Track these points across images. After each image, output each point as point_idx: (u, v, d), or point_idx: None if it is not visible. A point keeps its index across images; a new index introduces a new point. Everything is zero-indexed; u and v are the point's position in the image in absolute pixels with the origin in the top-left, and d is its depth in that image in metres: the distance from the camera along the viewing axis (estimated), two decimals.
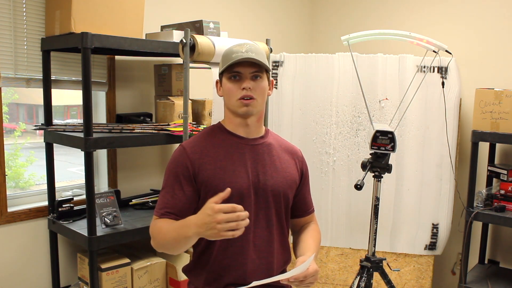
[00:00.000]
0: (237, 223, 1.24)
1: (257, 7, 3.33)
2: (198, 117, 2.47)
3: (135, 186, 2.70)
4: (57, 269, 2.33)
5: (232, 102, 1.48)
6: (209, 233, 1.27)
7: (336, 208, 2.83)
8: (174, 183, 1.49)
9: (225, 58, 1.49)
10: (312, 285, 1.43)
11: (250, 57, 1.44)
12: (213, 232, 1.25)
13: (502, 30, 2.86)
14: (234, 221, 1.24)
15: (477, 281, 2.65)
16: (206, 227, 1.26)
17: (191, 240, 1.37)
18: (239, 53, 1.45)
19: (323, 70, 2.79)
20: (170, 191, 1.49)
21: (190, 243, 1.40)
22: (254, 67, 1.46)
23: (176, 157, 1.52)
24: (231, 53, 1.47)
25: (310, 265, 1.39)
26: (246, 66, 1.46)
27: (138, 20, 2.24)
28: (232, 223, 1.24)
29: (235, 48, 1.49)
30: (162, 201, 1.51)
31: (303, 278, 1.37)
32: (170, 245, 1.45)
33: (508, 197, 2.55)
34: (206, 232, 1.27)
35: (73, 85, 2.43)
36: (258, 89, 1.47)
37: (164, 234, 1.44)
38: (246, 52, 1.45)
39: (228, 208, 1.25)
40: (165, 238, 1.43)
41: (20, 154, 2.49)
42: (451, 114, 2.68)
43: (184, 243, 1.39)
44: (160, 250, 1.50)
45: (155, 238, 1.48)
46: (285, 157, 1.62)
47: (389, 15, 3.33)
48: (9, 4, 2.14)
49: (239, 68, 1.46)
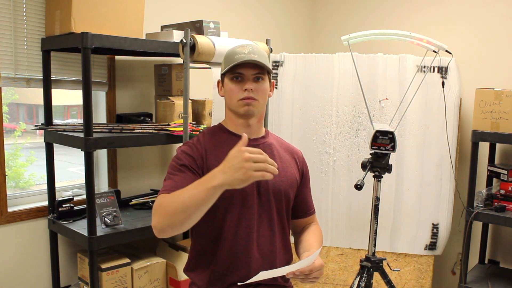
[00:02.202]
0: (265, 164, 1.20)
1: (257, 7, 3.33)
2: (198, 117, 2.47)
3: (135, 186, 2.70)
4: (57, 269, 2.33)
5: (234, 102, 1.49)
6: (236, 176, 1.19)
7: (336, 208, 2.83)
8: (183, 170, 1.45)
9: (227, 59, 1.50)
10: (317, 280, 1.42)
11: (253, 59, 1.44)
12: (241, 173, 1.18)
13: (502, 30, 2.86)
14: (263, 162, 1.20)
15: (477, 281, 2.65)
16: (233, 170, 1.19)
17: (212, 194, 1.24)
18: (241, 54, 1.46)
19: (323, 70, 2.79)
20: (179, 174, 1.44)
21: (209, 201, 1.26)
22: (256, 68, 1.47)
23: (183, 151, 1.50)
24: (233, 54, 1.48)
25: (316, 260, 1.39)
26: (248, 68, 1.46)
27: (138, 20, 2.24)
28: (261, 164, 1.20)
29: (238, 49, 1.49)
30: (170, 183, 1.41)
31: (309, 272, 1.37)
32: (182, 208, 1.26)
33: (508, 197, 2.55)
34: (233, 175, 1.19)
35: (73, 85, 2.43)
36: (259, 91, 1.48)
37: (177, 197, 1.29)
38: (249, 53, 1.46)
39: (254, 150, 1.21)
40: (178, 199, 1.28)
41: (20, 154, 2.49)
42: (451, 114, 2.68)
43: (203, 200, 1.24)
44: (165, 223, 1.30)
45: (162, 205, 1.32)
46: (286, 157, 1.63)
47: (389, 15, 3.33)
48: (9, 4, 2.14)
49: (242, 70, 1.47)
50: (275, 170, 1.22)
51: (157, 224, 1.32)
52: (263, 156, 1.21)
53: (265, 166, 1.21)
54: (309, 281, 1.41)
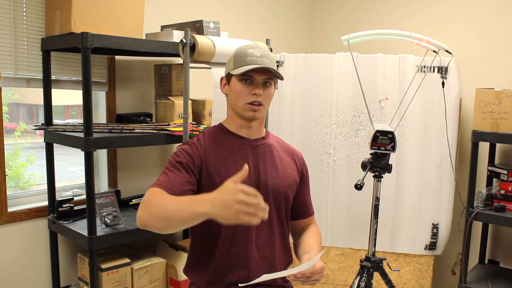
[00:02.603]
0: (256, 209, 1.14)
1: (257, 7, 3.33)
2: (198, 117, 2.47)
3: (135, 186, 2.70)
4: (57, 269, 2.33)
5: (240, 105, 1.49)
6: (224, 213, 1.15)
7: (336, 208, 2.83)
8: (178, 167, 1.45)
9: (238, 58, 1.49)
10: (318, 282, 1.43)
11: (266, 65, 1.45)
12: (229, 212, 1.14)
13: (502, 30, 2.86)
14: (254, 207, 1.14)
15: (477, 281, 2.65)
16: (222, 205, 1.15)
17: (196, 218, 1.23)
18: (253, 57, 1.46)
19: (323, 70, 2.79)
20: (174, 171, 1.44)
21: (191, 223, 1.27)
22: (267, 74, 1.48)
23: (182, 149, 1.50)
24: (245, 55, 1.47)
25: (317, 262, 1.40)
26: (260, 73, 1.47)
27: (138, 20, 2.24)
28: (251, 208, 1.14)
29: (249, 50, 1.48)
30: (163, 178, 1.41)
31: (310, 274, 1.37)
32: (165, 217, 1.27)
33: (508, 197, 2.55)
34: (221, 211, 1.15)
35: (73, 85, 2.43)
36: (267, 96, 1.49)
37: (165, 203, 1.30)
38: (261, 57, 1.46)
39: (250, 191, 1.14)
40: (165, 207, 1.29)
41: (20, 154, 2.49)
42: (451, 114, 2.68)
43: (186, 219, 1.25)
44: (148, 221, 1.32)
45: (151, 203, 1.33)
46: (285, 157, 1.63)
47: (389, 15, 3.33)
48: (9, 4, 2.14)
49: (253, 73, 1.47)
50: (265, 216, 1.17)
51: (140, 218, 1.33)
52: (256, 200, 1.15)
53: (255, 211, 1.15)
54: (309, 283, 1.42)
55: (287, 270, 1.40)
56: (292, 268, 1.39)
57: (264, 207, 1.16)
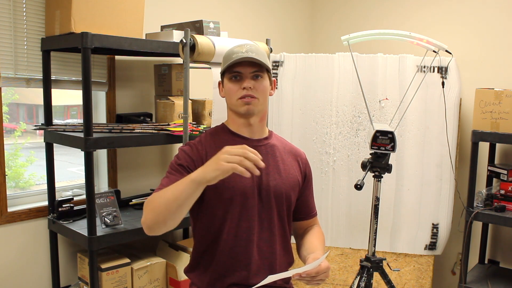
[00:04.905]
0: (240, 158, 1.21)
1: (257, 7, 3.33)
2: (198, 117, 2.47)
3: (135, 186, 2.70)
4: (57, 269, 2.33)
5: (233, 101, 1.49)
6: (213, 166, 1.23)
7: (336, 208, 2.83)
8: (180, 170, 1.46)
9: (226, 59, 1.50)
10: (323, 282, 1.43)
11: (250, 56, 1.44)
12: (213, 163, 1.23)
13: (502, 30, 2.86)
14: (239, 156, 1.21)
15: (477, 281, 2.65)
16: (210, 163, 1.25)
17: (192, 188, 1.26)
18: (239, 53, 1.46)
19: (323, 70, 2.79)
20: (175, 174, 1.45)
21: (190, 197, 1.29)
22: (254, 66, 1.47)
23: (184, 151, 1.51)
24: (231, 54, 1.48)
25: (322, 262, 1.39)
26: (246, 66, 1.46)
27: (138, 20, 2.24)
28: (235, 156, 1.21)
29: (235, 48, 1.49)
30: (165, 182, 1.44)
31: (315, 274, 1.37)
32: (165, 204, 1.30)
33: (508, 197, 2.55)
34: (210, 166, 1.24)
35: (73, 85, 2.43)
36: (259, 89, 1.48)
37: (162, 195, 1.33)
38: (246, 52, 1.46)
39: (241, 146, 1.24)
40: (162, 196, 1.32)
41: (20, 154, 2.49)
42: (451, 114, 2.68)
43: (184, 194, 1.27)
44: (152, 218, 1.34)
45: (151, 202, 1.35)
46: (288, 159, 1.62)
47: (389, 15, 3.33)
48: (9, 4, 2.14)
49: (239, 68, 1.46)
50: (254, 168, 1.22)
51: (145, 220, 1.36)
52: (242, 150, 1.21)
53: (240, 159, 1.20)
54: (314, 283, 1.41)
55: (292, 270, 1.39)
56: (297, 268, 1.39)
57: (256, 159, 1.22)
